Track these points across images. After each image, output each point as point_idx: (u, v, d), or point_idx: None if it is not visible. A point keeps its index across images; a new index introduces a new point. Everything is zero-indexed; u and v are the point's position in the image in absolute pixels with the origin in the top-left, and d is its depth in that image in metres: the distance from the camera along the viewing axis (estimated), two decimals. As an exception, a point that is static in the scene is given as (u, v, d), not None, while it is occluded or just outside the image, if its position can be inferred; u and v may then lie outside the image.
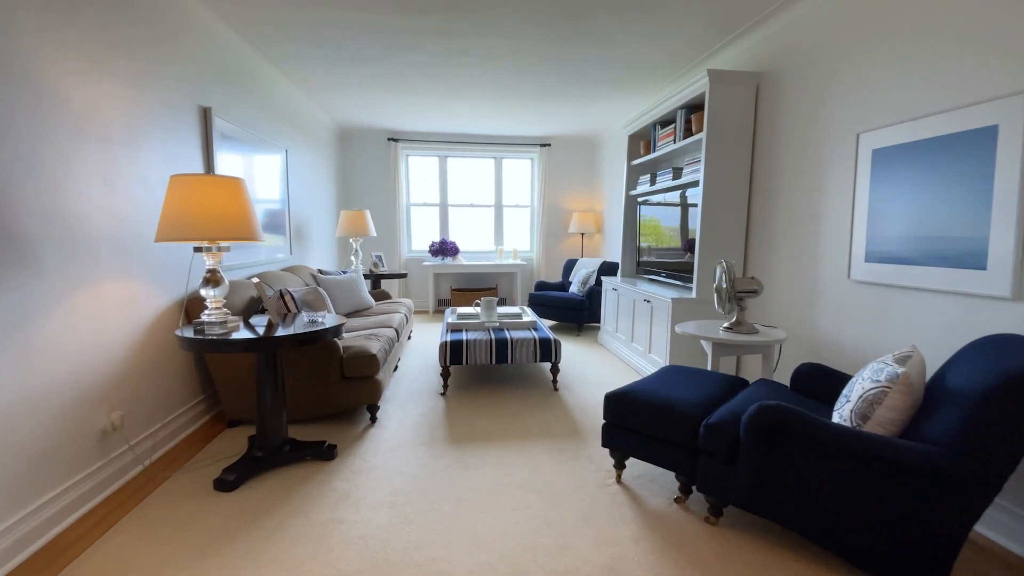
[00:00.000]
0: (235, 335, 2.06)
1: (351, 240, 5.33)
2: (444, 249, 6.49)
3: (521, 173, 6.97)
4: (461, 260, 6.58)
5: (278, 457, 2.29)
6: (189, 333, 2.07)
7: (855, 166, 2.46)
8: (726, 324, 2.63)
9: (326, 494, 2.06)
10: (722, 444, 1.77)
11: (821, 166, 2.70)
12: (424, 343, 4.85)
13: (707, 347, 2.59)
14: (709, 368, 2.57)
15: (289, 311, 2.76)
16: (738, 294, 2.58)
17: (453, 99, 4.90)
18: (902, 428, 1.60)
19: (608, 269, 5.41)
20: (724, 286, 2.58)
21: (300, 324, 2.29)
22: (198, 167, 2.82)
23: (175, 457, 2.40)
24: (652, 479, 2.19)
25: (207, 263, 2.15)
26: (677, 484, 2.13)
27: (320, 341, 2.21)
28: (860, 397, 1.64)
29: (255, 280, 2.27)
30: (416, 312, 6.69)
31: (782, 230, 3.02)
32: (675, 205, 3.88)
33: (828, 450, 1.55)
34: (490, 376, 3.73)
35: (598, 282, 5.40)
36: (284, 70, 4.04)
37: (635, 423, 2.05)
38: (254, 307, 2.86)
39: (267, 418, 2.27)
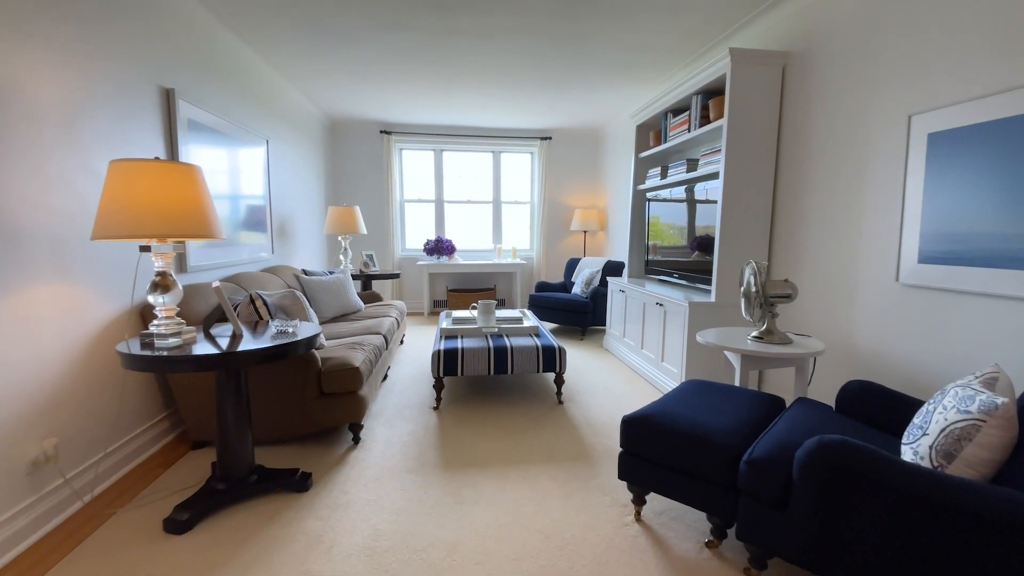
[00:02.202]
0: (192, 348, 1.75)
1: (340, 238, 5.00)
2: (440, 248, 6.16)
3: (520, 168, 6.65)
4: (458, 259, 6.26)
5: (242, 489, 1.97)
6: (136, 347, 1.76)
7: (906, 153, 2.15)
8: (755, 333, 2.32)
9: (295, 537, 1.75)
10: (769, 485, 1.46)
11: (862, 153, 2.39)
12: (417, 348, 4.53)
13: (734, 360, 2.29)
14: (737, 383, 2.26)
15: (261, 319, 2.44)
16: (770, 299, 2.28)
17: (448, 87, 4.57)
18: (996, 470, 1.30)
19: (613, 269, 5.10)
20: (754, 290, 2.27)
21: (269, 335, 1.98)
22: (160, 156, 2.50)
23: (126, 487, 2.09)
24: (677, 516, 1.88)
25: (156, 265, 1.83)
26: (709, 524, 1.82)
27: (290, 356, 1.90)
28: (943, 431, 1.34)
29: (215, 284, 1.95)
30: (410, 314, 6.37)
31: (814, 226, 2.71)
32: (681, 201, 3.57)
33: (907, 499, 1.24)
34: (488, 388, 3.42)
35: (603, 283, 5.09)
36: (263, 52, 3.70)
37: (658, 454, 1.74)
38: (221, 314, 2.54)
39: (230, 445, 1.96)
